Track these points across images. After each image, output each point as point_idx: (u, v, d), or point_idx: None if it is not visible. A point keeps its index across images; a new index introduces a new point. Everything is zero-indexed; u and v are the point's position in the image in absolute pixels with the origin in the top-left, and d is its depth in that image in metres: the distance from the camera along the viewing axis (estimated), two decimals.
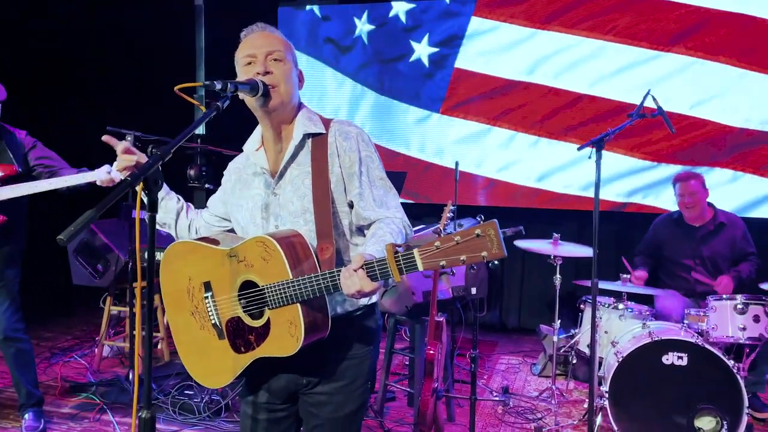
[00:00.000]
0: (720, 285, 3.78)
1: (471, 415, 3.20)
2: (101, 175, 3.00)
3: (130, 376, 3.90)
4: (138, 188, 1.32)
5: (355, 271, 1.45)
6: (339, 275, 1.49)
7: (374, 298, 1.78)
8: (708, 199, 4.08)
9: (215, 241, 1.80)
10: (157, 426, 3.02)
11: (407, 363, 4.32)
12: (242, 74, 1.70)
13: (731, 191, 4.87)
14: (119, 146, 1.75)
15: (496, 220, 1.35)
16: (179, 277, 1.78)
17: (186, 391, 3.69)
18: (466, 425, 3.53)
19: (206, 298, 1.72)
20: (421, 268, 1.40)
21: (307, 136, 1.73)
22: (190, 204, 1.97)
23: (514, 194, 5.40)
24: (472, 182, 5.49)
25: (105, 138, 1.77)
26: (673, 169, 4.92)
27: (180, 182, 4.63)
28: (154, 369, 4.47)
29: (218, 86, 1.55)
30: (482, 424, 3.60)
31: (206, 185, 4.55)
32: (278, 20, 5.96)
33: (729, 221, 4.05)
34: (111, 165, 3.01)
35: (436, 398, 2.99)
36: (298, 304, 1.54)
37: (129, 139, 3.94)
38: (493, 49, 5.39)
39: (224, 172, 1.91)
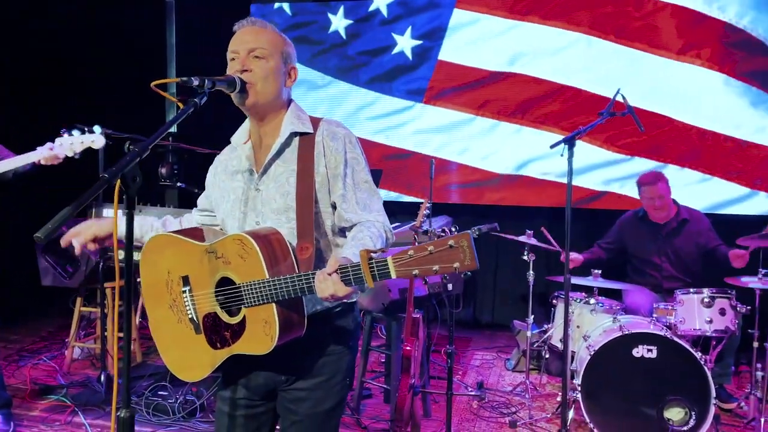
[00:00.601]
0: (734, 254, 3.78)
1: (447, 410, 3.23)
2: (44, 153, 2.91)
3: (102, 378, 3.84)
4: (116, 185, 1.30)
5: (329, 275, 1.46)
6: (314, 278, 1.50)
7: (353, 296, 1.78)
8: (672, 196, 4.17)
9: (199, 236, 1.79)
10: None
11: (383, 360, 4.34)
12: (227, 70, 1.70)
13: (699, 192, 4.99)
14: (76, 247, 1.78)
15: (470, 231, 1.38)
16: (158, 269, 1.77)
17: (160, 392, 3.64)
18: (441, 420, 3.56)
19: (184, 292, 1.71)
20: (394, 276, 1.41)
21: (294, 134, 1.73)
22: (167, 216, 1.97)
23: (494, 180, 5.48)
24: (452, 170, 5.56)
25: (65, 242, 1.78)
26: (647, 163, 5.04)
27: (152, 181, 4.57)
28: None
29: (196, 82, 1.54)
30: (458, 419, 3.64)
31: (178, 183, 4.50)
32: (251, 10, 5.93)
33: (692, 217, 4.13)
34: (53, 141, 2.93)
35: (413, 394, 3.02)
36: (274, 304, 1.54)
37: (97, 135, 3.88)
38: (476, 40, 5.45)
39: (210, 167, 1.90)
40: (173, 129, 5.79)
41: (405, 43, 5.63)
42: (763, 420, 3.38)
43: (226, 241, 1.62)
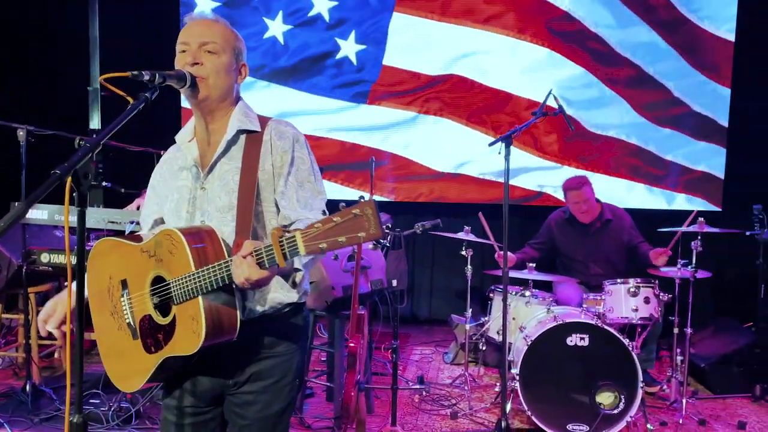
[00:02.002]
0: (655, 253, 3.99)
1: (393, 404, 3.27)
2: None
3: (27, 388, 3.64)
4: (67, 182, 1.25)
5: (245, 257, 1.41)
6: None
7: (297, 297, 1.72)
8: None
9: (139, 238, 1.73)
10: None
11: (323, 359, 4.34)
12: (176, 61, 1.65)
13: (626, 200, 5.30)
14: (56, 333, 1.69)
15: (374, 198, 1.35)
16: (101, 276, 1.71)
17: (92, 400, 3.49)
18: (384, 416, 3.60)
19: (122, 296, 1.66)
20: (302, 251, 1.34)
21: (241, 131, 1.70)
22: None
23: (433, 176, 5.60)
24: (394, 165, 5.63)
25: (44, 333, 1.68)
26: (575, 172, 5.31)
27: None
28: (52, 379, 4.20)
29: (146, 77, 1.49)
30: (400, 413, 3.68)
31: (103, 183, 4.32)
32: (180, 11, 5.75)
33: (615, 216, 4.34)
34: None
35: (359, 391, 3.03)
36: (200, 298, 1.48)
37: (21, 133, 3.68)
38: (417, 43, 5.51)
39: (155, 169, 1.83)
40: (96, 125, 5.56)
41: (349, 48, 5.61)
42: (684, 401, 3.61)
43: (158, 238, 1.57)
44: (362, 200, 1.32)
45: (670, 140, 5.34)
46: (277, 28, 5.69)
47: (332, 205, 1.79)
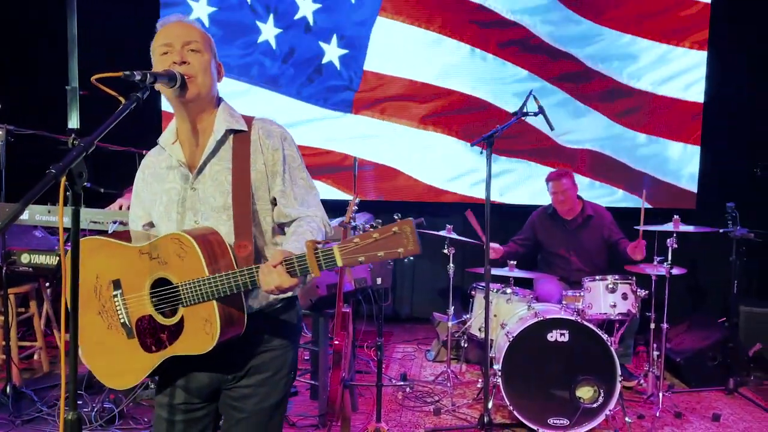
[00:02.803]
0: (631, 247, 4.07)
1: (377, 401, 3.30)
2: None
3: (7, 389, 3.61)
4: (61, 182, 1.26)
5: (275, 267, 1.48)
6: (258, 271, 1.51)
7: (296, 290, 1.80)
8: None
9: (127, 238, 1.75)
10: None
11: (306, 357, 4.36)
12: (158, 64, 1.66)
13: (607, 200, 5.38)
14: None
15: (412, 218, 1.43)
16: (85, 275, 1.70)
17: None
18: (368, 413, 3.63)
19: (115, 296, 1.67)
20: (340, 264, 1.43)
21: (229, 131, 1.72)
22: None
23: (414, 186, 5.64)
24: (377, 172, 5.65)
25: None
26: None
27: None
28: (32, 381, 4.16)
29: (138, 77, 1.50)
30: (384, 410, 3.71)
31: (83, 184, 4.28)
32: (160, 12, 5.70)
33: (596, 213, 4.46)
34: None
35: (344, 388, 3.06)
36: (215, 302, 1.54)
37: (0, 132, 3.65)
38: (400, 50, 5.52)
39: (137, 174, 1.84)
40: (76, 125, 5.51)
41: (333, 52, 5.59)
42: (661, 395, 3.70)
43: (162, 241, 1.60)
44: (400, 219, 1.43)
45: (644, 149, 5.44)
46: (269, 31, 5.64)
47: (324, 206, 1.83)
